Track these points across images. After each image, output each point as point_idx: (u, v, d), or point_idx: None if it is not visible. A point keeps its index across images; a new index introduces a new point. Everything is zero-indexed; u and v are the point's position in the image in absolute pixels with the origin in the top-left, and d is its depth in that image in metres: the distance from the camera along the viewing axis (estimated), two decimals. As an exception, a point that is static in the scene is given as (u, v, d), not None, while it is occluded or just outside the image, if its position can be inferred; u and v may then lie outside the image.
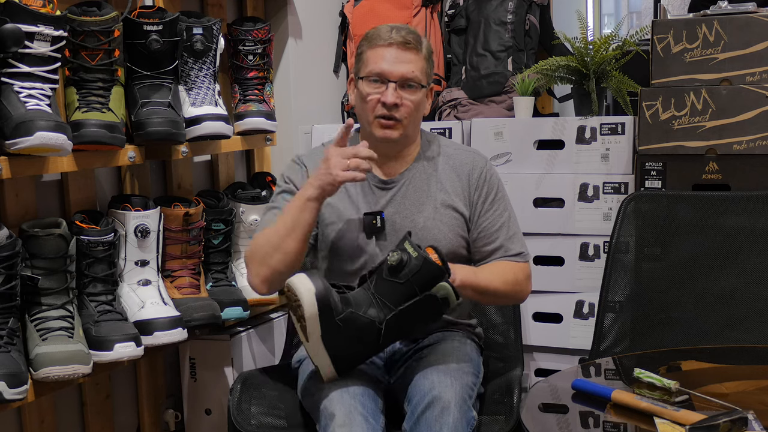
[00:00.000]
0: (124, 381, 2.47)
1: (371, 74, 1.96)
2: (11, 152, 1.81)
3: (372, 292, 1.77)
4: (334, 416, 1.74)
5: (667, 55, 2.36)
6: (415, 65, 1.96)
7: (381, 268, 1.79)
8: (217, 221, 2.40)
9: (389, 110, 1.95)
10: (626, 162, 2.50)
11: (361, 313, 1.75)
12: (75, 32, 1.97)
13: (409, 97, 1.96)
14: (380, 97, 1.95)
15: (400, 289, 1.76)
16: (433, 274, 1.76)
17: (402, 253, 1.75)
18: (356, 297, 1.78)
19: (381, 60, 1.95)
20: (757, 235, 2.20)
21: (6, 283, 1.80)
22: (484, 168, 2.07)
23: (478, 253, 2.05)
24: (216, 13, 2.61)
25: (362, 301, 1.77)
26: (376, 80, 1.96)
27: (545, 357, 2.65)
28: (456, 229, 2.03)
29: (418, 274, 1.74)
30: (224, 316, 2.32)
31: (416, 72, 1.96)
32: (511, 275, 2.01)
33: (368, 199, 2.03)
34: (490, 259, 2.04)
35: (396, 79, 1.94)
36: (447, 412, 1.74)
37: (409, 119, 1.98)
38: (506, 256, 2.03)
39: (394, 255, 1.75)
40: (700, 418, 1.44)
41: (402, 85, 1.95)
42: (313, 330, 1.72)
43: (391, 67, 1.95)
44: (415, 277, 1.75)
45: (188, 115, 2.26)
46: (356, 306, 1.75)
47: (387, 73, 1.95)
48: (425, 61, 1.99)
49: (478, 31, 2.91)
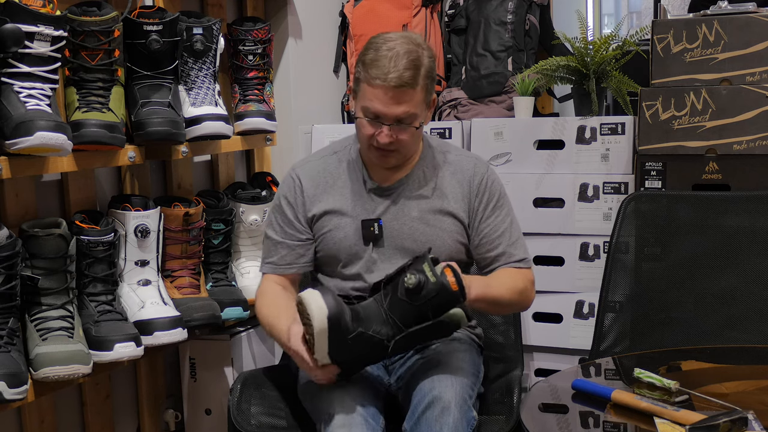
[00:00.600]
0: (124, 381, 2.47)
1: (366, 112, 1.91)
2: (11, 152, 1.80)
3: (385, 309, 1.76)
4: (334, 417, 1.75)
5: (667, 55, 2.36)
6: (409, 104, 1.89)
7: (396, 283, 1.77)
8: (217, 221, 2.40)
9: (383, 146, 1.93)
10: (626, 162, 2.50)
11: (371, 333, 1.74)
12: (75, 32, 1.97)
13: (403, 135, 1.92)
14: (375, 134, 1.91)
15: (414, 312, 1.75)
16: (448, 300, 1.75)
17: (420, 276, 1.73)
18: (367, 311, 1.77)
19: (375, 100, 1.88)
20: (757, 235, 2.20)
21: (6, 283, 1.80)
22: (485, 174, 2.06)
23: (481, 260, 2.05)
24: (216, 13, 2.61)
25: (373, 317, 1.76)
26: (372, 119, 1.91)
27: (545, 357, 2.65)
28: (455, 236, 2.02)
29: (434, 300, 1.73)
30: (224, 316, 2.32)
31: (411, 110, 1.89)
32: (520, 283, 2.01)
33: (366, 206, 2.02)
34: (493, 265, 2.03)
35: (390, 121, 1.90)
36: (447, 412, 1.74)
37: (406, 148, 1.95)
38: (510, 262, 2.03)
39: (412, 278, 1.72)
40: (700, 418, 1.44)
41: (396, 124, 1.91)
42: (321, 347, 1.72)
43: (385, 110, 1.88)
44: (430, 302, 1.73)
45: (188, 115, 2.26)
46: (366, 322, 1.75)
47: (381, 116, 1.89)
48: (423, 91, 1.91)
49: (478, 31, 2.91)
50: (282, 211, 2.05)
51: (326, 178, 2.05)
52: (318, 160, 2.09)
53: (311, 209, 2.02)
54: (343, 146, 2.10)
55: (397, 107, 1.88)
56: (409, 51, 1.88)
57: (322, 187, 2.04)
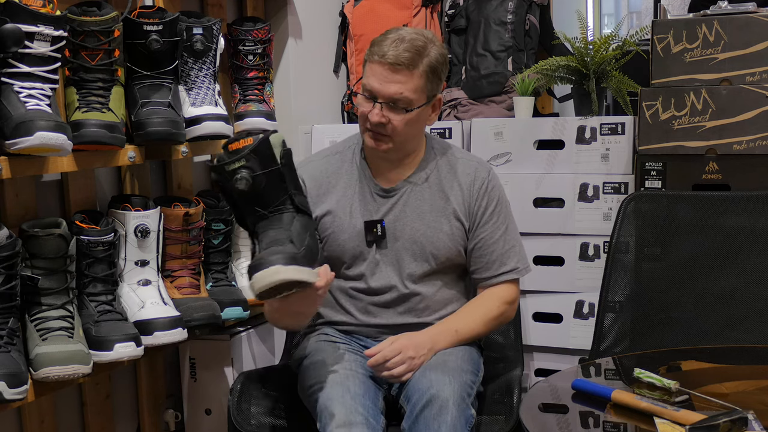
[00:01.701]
0: (124, 381, 2.47)
1: (364, 89, 1.95)
2: (11, 152, 1.80)
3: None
4: (334, 416, 1.75)
5: (667, 55, 2.36)
6: (405, 86, 1.91)
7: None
8: (217, 221, 2.40)
9: (374, 127, 1.94)
10: (626, 162, 2.50)
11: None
12: (75, 32, 1.97)
13: (394, 117, 1.93)
14: (368, 113, 1.94)
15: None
16: (263, 160, 1.71)
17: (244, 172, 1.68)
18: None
19: (372, 77, 1.93)
20: (757, 235, 2.20)
21: (6, 283, 1.80)
22: (486, 179, 2.06)
23: (474, 263, 2.06)
24: (216, 13, 2.61)
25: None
26: (367, 96, 1.94)
27: (545, 357, 2.65)
28: (456, 239, 2.03)
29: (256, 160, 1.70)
30: (224, 316, 2.32)
31: (405, 93, 1.91)
32: (494, 310, 2.04)
33: (369, 207, 2.02)
34: (484, 274, 2.05)
35: (383, 99, 1.92)
36: (445, 410, 1.74)
37: (400, 135, 1.96)
38: (500, 273, 2.05)
39: (241, 181, 1.68)
40: (700, 418, 1.44)
41: (389, 104, 1.92)
42: None
43: (380, 86, 1.91)
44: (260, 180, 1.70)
45: (188, 115, 2.26)
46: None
47: (375, 92, 1.92)
48: (423, 78, 1.92)
49: (478, 31, 2.91)
50: None
51: (329, 178, 2.05)
52: (321, 160, 2.09)
53: (314, 210, 2.02)
54: (345, 146, 2.10)
55: (390, 85, 1.90)
56: (415, 39, 1.92)
57: (324, 187, 2.04)
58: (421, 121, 1.99)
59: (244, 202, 1.73)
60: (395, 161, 2.04)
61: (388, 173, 2.03)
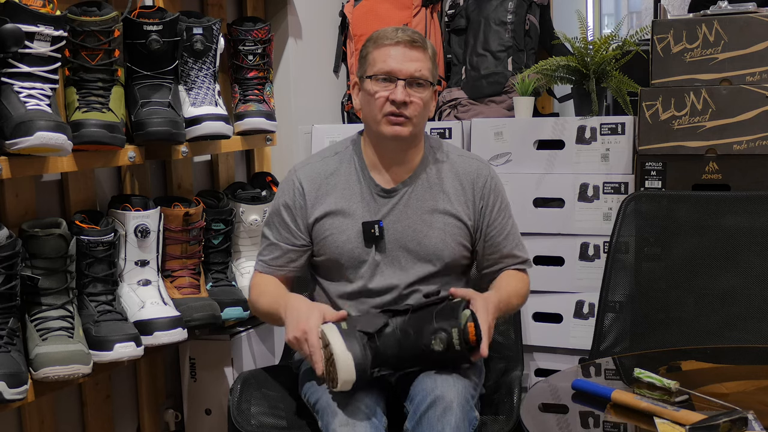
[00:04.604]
0: (124, 381, 2.47)
1: (379, 73, 1.94)
2: (11, 152, 1.81)
3: (401, 346, 1.79)
4: (336, 415, 1.75)
5: (667, 55, 2.36)
6: (422, 63, 1.95)
7: (420, 329, 1.78)
8: (217, 221, 2.40)
9: (398, 107, 1.93)
10: (626, 162, 2.50)
11: (385, 374, 1.82)
12: (75, 32, 1.97)
13: (418, 95, 1.94)
14: (389, 95, 1.93)
15: (422, 356, 1.80)
16: (463, 357, 1.80)
17: (447, 338, 1.76)
18: (386, 348, 1.78)
19: (389, 58, 1.94)
20: (757, 235, 2.20)
21: (6, 283, 1.80)
22: (489, 176, 2.06)
23: (485, 260, 2.07)
24: (216, 13, 2.61)
25: (390, 352, 1.78)
26: (385, 79, 1.94)
27: (545, 357, 2.65)
28: (458, 239, 2.03)
29: (444, 354, 1.77)
30: (224, 316, 2.32)
31: (424, 70, 1.95)
32: (524, 288, 2.08)
33: (369, 208, 2.02)
34: (497, 266, 2.06)
35: (405, 77, 1.93)
36: (449, 411, 1.74)
37: (418, 117, 1.96)
38: (515, 264, 2.07)
39: (439, 342, 1.76)
40: (700, 418, 1.44)
41: (410, 83, 1.93)
42: (342, 386, 1.73)
43: (399, 66, 1.93)
44: (440, 355, 1.78)
45: (188, 115, 2.26)
46: (381, 362, 1.78)
47: (396, 72, 1.93)
48: (431, 60, 1.98)
49: (478, 31, 2.91)
50: (280, 214, 2.04)
51: (328, 179, 2.04)
52: (319, 162, 2.08)
53: (312, 213, 2.01)
54: (344, 147, 2.09)
55: (410, 63, 1.94)
56: (415, 31, 2.01)
57: (323, 189, 2.03)
58: (429, 107, 2.01)
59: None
60: (398, 158, 2.02)
61: (389, 172, 2.03)
